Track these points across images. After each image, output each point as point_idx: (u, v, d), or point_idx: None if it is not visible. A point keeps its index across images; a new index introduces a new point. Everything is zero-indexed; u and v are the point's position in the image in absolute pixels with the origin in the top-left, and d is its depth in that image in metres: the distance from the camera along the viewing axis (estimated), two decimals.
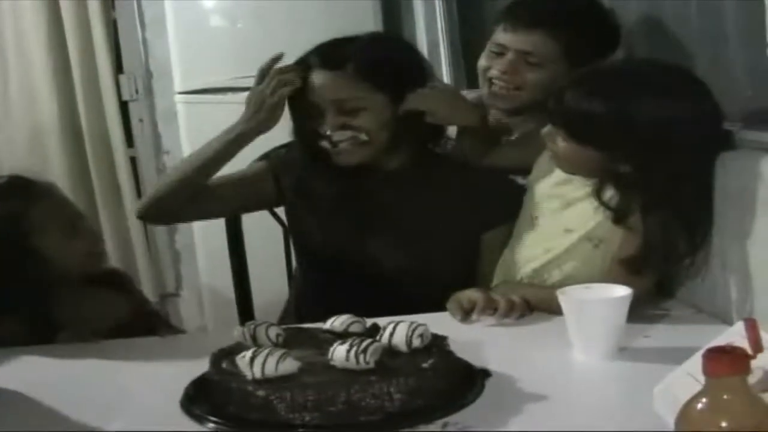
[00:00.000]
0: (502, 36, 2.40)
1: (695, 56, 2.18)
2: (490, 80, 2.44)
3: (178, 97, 4.57)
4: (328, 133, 2.24)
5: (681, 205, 1.92)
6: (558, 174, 2.15)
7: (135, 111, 4.82)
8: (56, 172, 4.61)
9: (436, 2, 4.24)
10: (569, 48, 2.32)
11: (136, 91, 4.77)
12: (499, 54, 2.40)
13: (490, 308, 2.01)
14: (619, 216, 1.99)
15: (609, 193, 2.00)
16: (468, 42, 4.26)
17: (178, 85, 4.55)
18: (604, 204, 2.00)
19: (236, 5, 4.50)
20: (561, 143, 2.02)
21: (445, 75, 4.28)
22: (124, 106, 4.76)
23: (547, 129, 2.05)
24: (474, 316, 2.02)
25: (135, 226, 4.75)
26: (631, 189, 1.96)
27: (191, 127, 4.54)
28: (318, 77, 2.26)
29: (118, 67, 4.74)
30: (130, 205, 4.71)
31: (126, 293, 2.25)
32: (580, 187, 2.08)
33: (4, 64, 4.67)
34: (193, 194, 2.33)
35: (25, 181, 2.19)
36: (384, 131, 2.26)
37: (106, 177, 4.72)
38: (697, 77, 1.99)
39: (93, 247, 2.22)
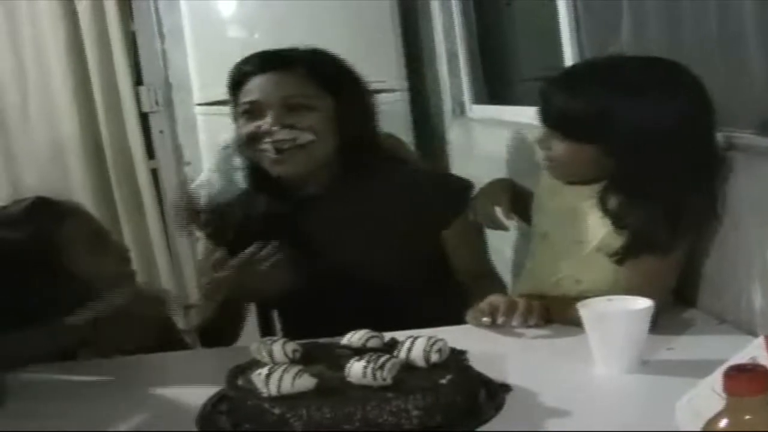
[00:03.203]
0: None
1: (713, 61, 2.15)
2: None
3: (197, 109, 4.58)
4: (273, 129, 2.21)
5: (668, 195, 1.91)
6: (563, 187, 2.13)
7: (155, 123, 4.85)
8: (78, 185, 4.63)
9: (454, 12, 4.23)
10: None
11: (156, 103, 4.80)
12: None
13: (513, 310, 1.99)
14: (619, 221, 1.97)
15: (612, 201, 1.98)
16: (487, 51, 4.25)
17: (197, 96, 4.56)
18: (606, 211, 1.99)
19: (254, 16, 4.50)
20: (557, 146, 2.01)
21: (465, 85, 4.28)
22: (144, 118, 4.78)
23: (540, 135, 2.03)
24: (500, 320, 2.00)
25: (157, 237, 4.77)
26: (626, 184, 1.95)
27: (211, 138, 4.54)
28: (263, 78, 2.26)
29: (137, 80, 4.76)
30: (152, 216, 4.73)
31: (153, 314, 2.22)
32: (585, 198, 2.05)
33: (24, 80, 4.70)
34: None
35: (50, 201, 2.18)
36: (330, 135, 2.26)
37: (128, 189, 4.75)
38: (685, 69, 1.98)
39: (121, 266, 2.20)
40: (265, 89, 2.24)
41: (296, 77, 2.25)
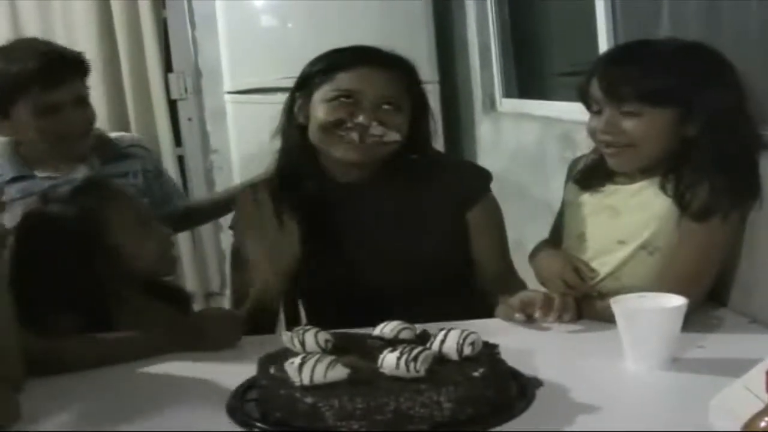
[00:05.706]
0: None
1: (752, 60, 2.15)
2: None
3: (226, 97, 4.59)
4: (372, 123, 2.22)
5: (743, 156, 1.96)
6: (604, 187, 2.13)
7: (184, 110, 4.86)
8: None
9: (488, 4, 4.22)
10: None
11: (185, 90, 4.81)
12: None
13: (548, 306, 2.00)
14: (686, 204, 1.98)
15: (686, 173, 1.99)
16: (520, 45, 4.24)
17: (227, 84, 4.57)
18: (674, 194, 1.99)
19: (286, 5, 4.51)
20: (630, 123, 2.00)
21: (496, 78, 4.27)
22: (172, 105, 4.79)
23: (604, 122, 2.02)
24: (536, 314, 2.01)
25: None
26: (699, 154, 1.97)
27: (239, 127, 4.56)
28: (368, 71, 2.27)
29: (167, 66, 4.77)
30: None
31: (180, 311, 2.23)
32: (627, 197, 2.07)
33: None
34: None
35: (99, 182, 2.25)
36: (403, 137, 2.29)
37: None
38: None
39: (165, 249, 2.22)
40: (368, 82, 2.26)
41: (396, 78, 2.29)
